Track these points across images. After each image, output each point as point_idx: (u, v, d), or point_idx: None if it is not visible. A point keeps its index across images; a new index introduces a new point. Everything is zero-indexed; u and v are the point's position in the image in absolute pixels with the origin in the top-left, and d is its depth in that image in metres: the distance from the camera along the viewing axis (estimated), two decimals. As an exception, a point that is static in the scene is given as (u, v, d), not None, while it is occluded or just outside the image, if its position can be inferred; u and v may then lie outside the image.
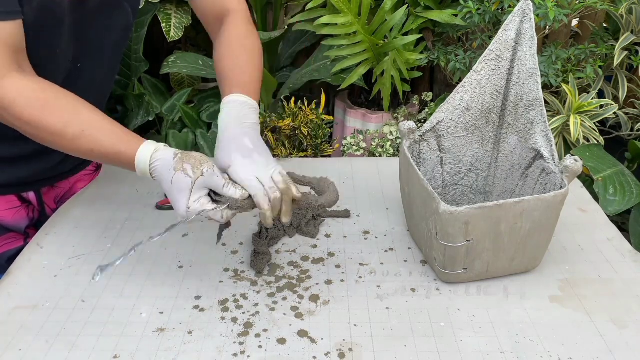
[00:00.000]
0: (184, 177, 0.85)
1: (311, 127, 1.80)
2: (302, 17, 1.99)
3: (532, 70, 1.01)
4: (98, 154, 0.88)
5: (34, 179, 1.15)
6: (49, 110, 0.86)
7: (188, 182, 0.85)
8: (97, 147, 0.87)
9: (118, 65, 1.20)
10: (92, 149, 0.87)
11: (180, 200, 0.85)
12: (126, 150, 0.87)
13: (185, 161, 0.85)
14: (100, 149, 0.87)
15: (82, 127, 0.87)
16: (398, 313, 0.89)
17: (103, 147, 0.87)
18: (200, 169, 0.85)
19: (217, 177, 0.86)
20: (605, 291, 0.94)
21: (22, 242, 1.16)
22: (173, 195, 0.86)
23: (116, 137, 0.88)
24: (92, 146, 0.87)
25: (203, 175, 0.85)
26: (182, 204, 0.85)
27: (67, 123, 0.86)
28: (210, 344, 0.83)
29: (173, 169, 0.85)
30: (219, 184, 0.86)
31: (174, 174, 0.85)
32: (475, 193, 1.14)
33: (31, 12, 0.90)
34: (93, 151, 0.88)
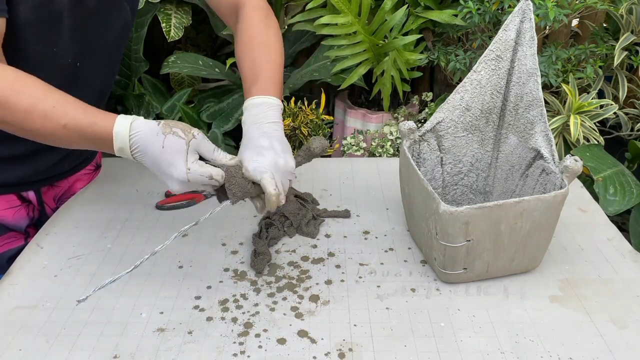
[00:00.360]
0: (176, 138, 0.82)
1: (311, 127, 1.81)
2: (302, 17, 1.99)
3: (532, 70, 1.01)
4: (72, 129, 0.83)
5: (33, 179, 1.15)
6: (19, 89, 0.83)
7: (182, 143, 0.82)
8: (71, 122, 0.82)
9: (118, 65, 1.20)
10: (65, 125, 0.82)
11: (178, 163, 0.82)
12: (102, 122, 0.83)
13: (173, 125, 0.83)
14: (74, 123, 0.82)
15: (53, 104, 0.83)
16: (398, 313, 0.89)
17: (76, 121, 0.83)
18: (191, 132, 0.83)
19: (208, 142, 0.84)
20: (605, 291, 0.94)
21: (23, 242, 1.16)
22: (167, 159, 0.82)
23: (90, 111, 0.84)
24: (64, 121, 0.82)
25: (195, 137, 0.83)
26: (181, 165, 0.82)
27: (38, 99, 0.83)
28: (210, 344, 0.83)
29: (162, 133, 0.82)
30: (210, 148, 0.84)
31: (164, 137, 0.82)
32: (475, 193, 1.14)
33: (28, 10, 0.90)
34: (66, 126, 0.82)
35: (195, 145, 0.83)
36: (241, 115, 2.13)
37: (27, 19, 0.91)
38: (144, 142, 0.82)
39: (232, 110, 2.14)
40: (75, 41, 1.01)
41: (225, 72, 2.13)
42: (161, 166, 0.83)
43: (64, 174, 1.22)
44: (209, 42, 2.53)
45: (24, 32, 0.92)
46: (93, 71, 1.09)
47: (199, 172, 0.82)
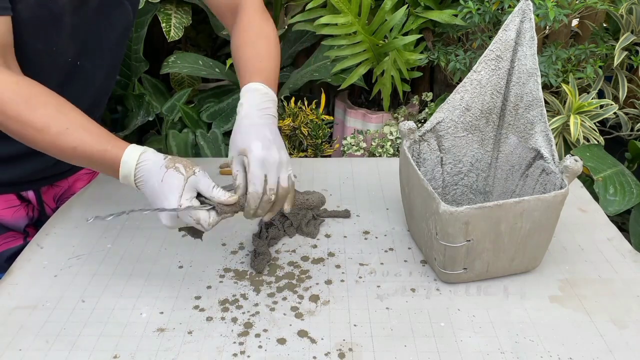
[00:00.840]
0: (176, 174, 0.84)
1: (311, 127, 1.81)
2: (302, 17, 1.99)
3: (532, 70, 1.01)
4: (81, 152, 0.85)
5: (32, 178, 1.15)
6: (34, 105, 0.85)
7: (181, 179, 0.84)
8: (82, 145, 0.85)
9: (118, 65, 1.20)
10: (75, 147, 0.85)
11: (172, 198, 0.83)
12: (113, 148, 0.85)
13: (177, 161, 0.85)
14: (85, 147, 0.85)
15: (67, 125, 0.85)
16: (398, 313, 0.89)
17: (88, 145, 0.85)
18: (192, 169, 0.85)
19: (207, 179, 0.85)
20: (605, 291, 0.94)
21: (22, 241, 1.16)
22: (163, 193, 0.84)
23: (102, 136, 0.86)
24: (76, 143, 0.85)
25: (195, 174, 0.84)
26: (174, 201, 0.83)
27: (52, 119, 0.84)
28: (210, 344, 0.83)
29: (165, 167, 0.84)
30: (209, 185, 0.85)
31: (166, 171, 0.84)
32: (475, 193, 1.14)
33: (27, 8, 0.90)
34: (76, 149, 0.85)
35: (193, 182, 0.84)
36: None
37: (27, 17, 0.91)
38: (148, 172, 0.85)
39: (232, 110, 2.13)
40: (76, 40, 1.01)
41: (225, 72, 2.13)
42: (158, 199, 0.84)
43: (64, 174, 1.22)
44: (209, 42, 2.53)
45: (24, 30, 0.92)
46: (94, 70, 1.09)
47: (188, 213, 0.83)
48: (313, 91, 2.38)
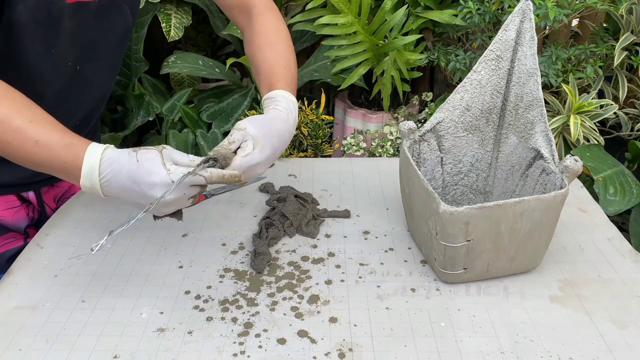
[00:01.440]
0: (147, 151, 0.82)
1: (311, 127, 1.81)
2: (302, 17, 1.99)
3: (532, 70, 1.01)
4: (43, 146, 0.81)
5: (33, 179, 1.15)
6: None
7: (155, 152, 0.82)
8: (44, 138, 0.81)
9: (119, 66, 1.20)
10: (38, 141, 0.80)
11: (157, 168, 0.81)
12: (78, 142, 0.82)
13: (141, 147, 0.84)
14: (48, 140, 0.81)
15: (31, 118, 0.81)
16: (398, 313, 0.89)
17: (51, 139, 0.81)
18: (160, 146, 0.84)
19: (177, 150, 0.85)
20: (605, 291, 0.94)
21: (22, 242, 1.16)
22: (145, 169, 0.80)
23: (67, 132, 0.83)
24: (38, 137, 0.80)
25: (165, 148, 0.84)
26: (161, 169, 0.81)
27: (16, 112, 0.81)
28: (210, 344, 0.83)
29: (132, 151, 0.82)
30: (182, 155, 0.84)
31: (136, 153, 0.82)
32: (475, 193, 1.14)
33: (27, 10, 0.90)
34: (38, 143, 0.80)
35: (168, 155, 0.83)
36: (241, 116, 2.13)
37: (26, 19, 0.90)
38: (117, 164, 0.81)
39: (232, 110, 2.14)
40: (76, 45, 1.01)
41: (225, 72, 2.13)
42: (142, 177, 0.81)
43: (50, 174, 1.22)
44: (209, 42, 2.54)
45: (24, 32, 0.92)
46: (94, 74, 1.09)
47: (180, 171, 0.82)
48: (313, 91, 2.38)
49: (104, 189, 0.83)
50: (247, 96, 2.14)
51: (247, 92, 2.14)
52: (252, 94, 2.14)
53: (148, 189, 0.81)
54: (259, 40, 1.06)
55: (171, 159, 0.83)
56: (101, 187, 0.83)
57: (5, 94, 0.83)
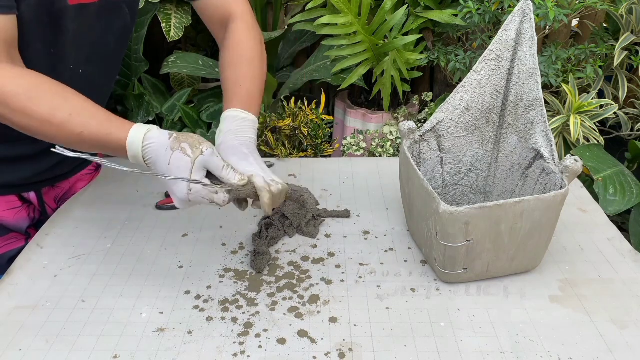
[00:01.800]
0: (182, 156, 0.82)
1: (311, 127, 1.80)
2: (302, 17, 1.99)
3: (532, 70, 1.01)
4: (88, 137, 0.84)
5: (34, 180, 1.15)
6: (37, 96, 0.84)
7: (188, 162, 0.82)
8: (87, 130, 0.84)
9: (119, 67, 1.20)
10: (81, 132, 0.84)
11: (180, 182, 0.83)
12: (117, 131, 0.84)
13: (183, 140, 0.83)
14: (91, 131, 0.84)
15: (70, 111, 0.84)
16: (398, 313, 0.89)
17: (93, 129, 0.84)
18: (200, 148, 0.83)
19: (217, 157, 0.84)
20: (605, 291, 0.94)
21: (24, 243, 1.16)
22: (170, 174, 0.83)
23: (106, 120, 0.86)
24: (81, 129, 0.84)
25: (203, 154, 0.83)
26: (183, 186, 0.83)
27: (55, 108, 0.84)
28: (210, 344, 0.83)
29: (170, 149, 0.83)
30: (219, 165, 0.84)
31: (172, 153, 0.82)
32: (475, 193, 1.14)
33: (29, 9, 0.90)
34: (82, 134, 0.84)
35: (202, 162, 0.83)
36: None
37: (28, 17, 0.91)
38: (154, 154, 0.84)
39: (232, 110, 2.13)
40: (76, 47, 1.01)
41: (225, 72, 2.13)
42: (168, 182, 0.85)
43: (65, 175, 1.22)
44: (209, 42, 2.53)
45: (27, 31, 0.92)
46: (94, 75, 1.09)
47: (200, 195, 0.83)
48: (313, 91, 2.38)
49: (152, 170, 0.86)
50: (247, 96, 2.14)
51: (247, 92, 2.14)
52: (252, 94, 2.13)
53: (171, 193, 0.86)
54: (227, 58, 1.08)
55: (204, 167, 0.84)
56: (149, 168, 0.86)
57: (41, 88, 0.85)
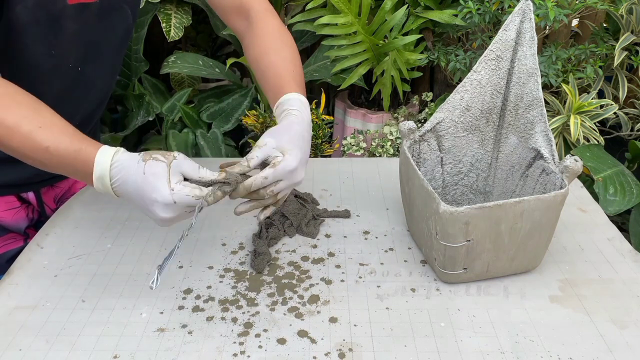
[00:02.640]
0: (157, 162, 0.80)
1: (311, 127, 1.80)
2: (302, 17, 1.99)
3: (532, 70, 1.01)
4: (54, 152, 0.80)
5: (33, 180, 1.15)
6: (7, 104, 0.81)
7: (163, 166, 0.80)
8: (54, 145, 0.80)
9: (119, 66, 1.20)
10: (47, 147, 0.80)
11: (161, 185, 0.79)
12: (87, 148, 0.81)
13: (153, 153, 0.82)
14: (58, 146, 0.80)
15: (40, 124, 0.81)
16: (398, 313, 0.89)
17: (61, 145, 0.80)
18: (172, 154, 0.82)
19: (190, 161, 0.83)
20: (605, 291, 0.94)
21: (22, 243, 1.16)
22: (150, 183, 0.79)
23: (76, 136, 0.82)
24: (48, 143, 0.80)
25: (176, 158, 0.81)
26: (164, 188, 0.79)
27: (24, 118, 0.80)
28: (210, 344, 0.83)
29: (142, 160, 0.81)
30: (194, 167, 0.82)
31: (145, 163, 0.80)
32: (475, 193, 1.14)
33: (26, 11, 0.90)
34: (48, 149, 0.80)
35: (177, 167, 0.81)
36: (241, 116, 2.13)
37: (25, 20, 0.90)
38: (125, 171, 0.80)
39: (232, 110, 2.14)
40: (77, 45, 1.01)
41: (225, 72, 2.13)
42: (145, 192, 0.80)
43: (64, 175, 1.22)
44: (209, 42, 2.54)
45: (24, 33, 0.92)
46: (95, 74, 1.09)
47: (184, 192, 0.80)
48: (313, 91, 2.38)
49: (116, 193, 0.83)
50: (247, 96, 2.14)
51: (247, 92, 2.14)
52: (252, 94, 2.14)
53: (150, 204, 0.81)
54: (264, 45, 1.04)
55: (180, 172, 0.82)
56: (114, 191, 0.83)
57: (14, 98, 0.82)
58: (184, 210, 0.82)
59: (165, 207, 0.80)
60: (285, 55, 1.03)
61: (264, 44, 1.04)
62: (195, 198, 0.81)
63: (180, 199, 0.80)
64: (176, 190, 0.80)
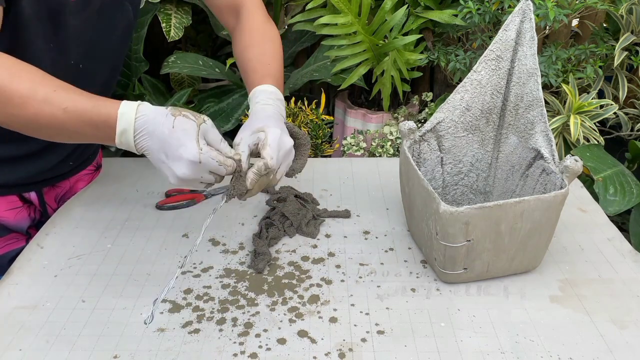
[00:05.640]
0: (186, 120, 0.79)
1: (311, 127, 1.80)
2: (302, 17, 1.99)
3: (532, 70, 1.01)
4: (72, 112, 0.78)
5: (34, 179, 1.15)
6: (17, 74, 0.80)
7: (193, 124, 0.79)
8: (73, 104, 0.78)
9: (120, 65, 1.20)
10: (66, 108, 0.78)
11: (190, 142, 0.78)
12: (106, 104, 0.79)
13: (182, 110, 0.81)
14: (76, 106, 0.78)
15: (54, 88, 0.79)
16: (398, 313, 0.89)
17: (79, 104, 0.78)
18: (201, 117, 0.81)
19: (216, 131, 0.82)
20: (605, 291, 0.94)
21: (24, 243, 1.16)
22: (177, 138, 0.78)
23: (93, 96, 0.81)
24: (66, 104, 0.78)
25: (205, 122, 0.81)
26: (193, 145, 0.78)
27: (38, 84, 0.79)
28: (210, 344, 0.83)
29: (171, 115, 0.79)
30: (217, 138, 0.82)
31: (174, 118, 0.79)
32: (476, 193, 1.14)
33: (29, 5, 0.90)
34: (67, 110, 0.78)
35: (204, 130, 0.80)
36: (242, 115, 2.13)
37: (28, 14, 0.91)
38: (151, 123, 0.79)
39: (232, 110, 2.13)
40: (79, 43, 1.01)
41: (225, 72, 2.13)
42: (171, 147, 0.78)
43: (65, 175, 1.22)
44: (209, 42, 2.53)
45: (27, 27, 0.92)
46: (96, 72, 1.09)
47: (210, 155, 0.79)
48: (313, 91, 2.38)
49: (138, 147, 0.81)
50: (247, 96, 2.14)
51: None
52: (252, 94, 2.13)
53: (175, 159, 0.79)
54: (246, 40, 1.06)
55: (205, 136, 0.81)
56: (135, 146, 0.81)
57: (22, 68, 0.82)
58: (202, 174, 0.81)
59: (190, 164, 0.79)
60: (264, 50, 1.04)
61: (246, 39, 1.06)
62: (218, 163, 0.80)
63: (206, 161, 0.79)
64: (204, 150, 0.79)
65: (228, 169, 0.82)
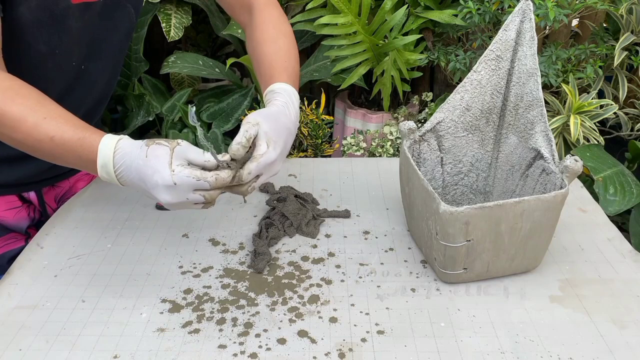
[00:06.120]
0: (159, 146, 0.80)
1: (311, 127, 1.81)
2: (302, 17, 1.99)
3: (532, 70, 1.01)
4: (59, 141, 0.81)
5: (34, 179, 1.15)
6: (12, 97, 0.82)
7: (166, 149, 0.80)
8: (59, 134, 0.81)
9: (121, 66, 1.20)
10: (52, 137, 0.81)
11: (162, 167, 0.78)
12: (90, 136, 0.81)
13: (156, 140, 0.81)
14: (63, 135, 0.81)
15: (44, 115, 0.82)
16: (398, 313, 0.89)
17: (66, 134, 0.81)
18: (175, 141, 0.81)
19: (195, 148, 0.82)
20: (605, 291, 0.94)
21: (24, 243, 1.16)
22: (151, 166, 0.79)
23: (80, 125, 0.83)
24: (53, 133, 0.81)
25: (179, 144, 0.81)
26: (165, 169, 0.78)
27: (30, 109, 0.81)
28: (210, 344, 0.83)
29: (145, 145, 0.80)
30: (198, 152, 0.81)
31: (147, 148, 0.80)
32: (475, 193, 1.14)
33: (29, 11, 0.90)
34: (53, 139, 0.81)
35: (180, 152, 0.80)
36: (241, 116, 2.13)
37: (28, 20, 0.91)
38: (128, 157, 0.80)
39: (232, 110, 2.14)
40: (80, 44, 1.01)
41: (225, 72, 2.13)
42: (146, 176, 0.79)
43: (65, 174, 1.22)
44: (209, 42, 2.54)
45: (27, 33, 0.92)
46: (97, 73, 1.10)
47: (184, 174, 0.79)
48: (313, 91, 2.38)
49: (120, 181, 0.83)
50: (247, 96, 2.14)
51: (247, 92, 2.14)
52: (252, 94, 2.14)
53: (152, 187, 0.80)
54: (259, 35, 1.05)
55: (184, 157, 0.80)
56: (118, 180, 0.82)
57: (18, 91, 0.83)
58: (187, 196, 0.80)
59: (167, 189, 0.79)
60: (280, 45, 1.04)
61: (260, 34, 1.05)
62: (195, 179, 0.79)
63: (180, 180, 0.78)
64: (177, 171, 0.79)
65: (212, 181, 0.80)
